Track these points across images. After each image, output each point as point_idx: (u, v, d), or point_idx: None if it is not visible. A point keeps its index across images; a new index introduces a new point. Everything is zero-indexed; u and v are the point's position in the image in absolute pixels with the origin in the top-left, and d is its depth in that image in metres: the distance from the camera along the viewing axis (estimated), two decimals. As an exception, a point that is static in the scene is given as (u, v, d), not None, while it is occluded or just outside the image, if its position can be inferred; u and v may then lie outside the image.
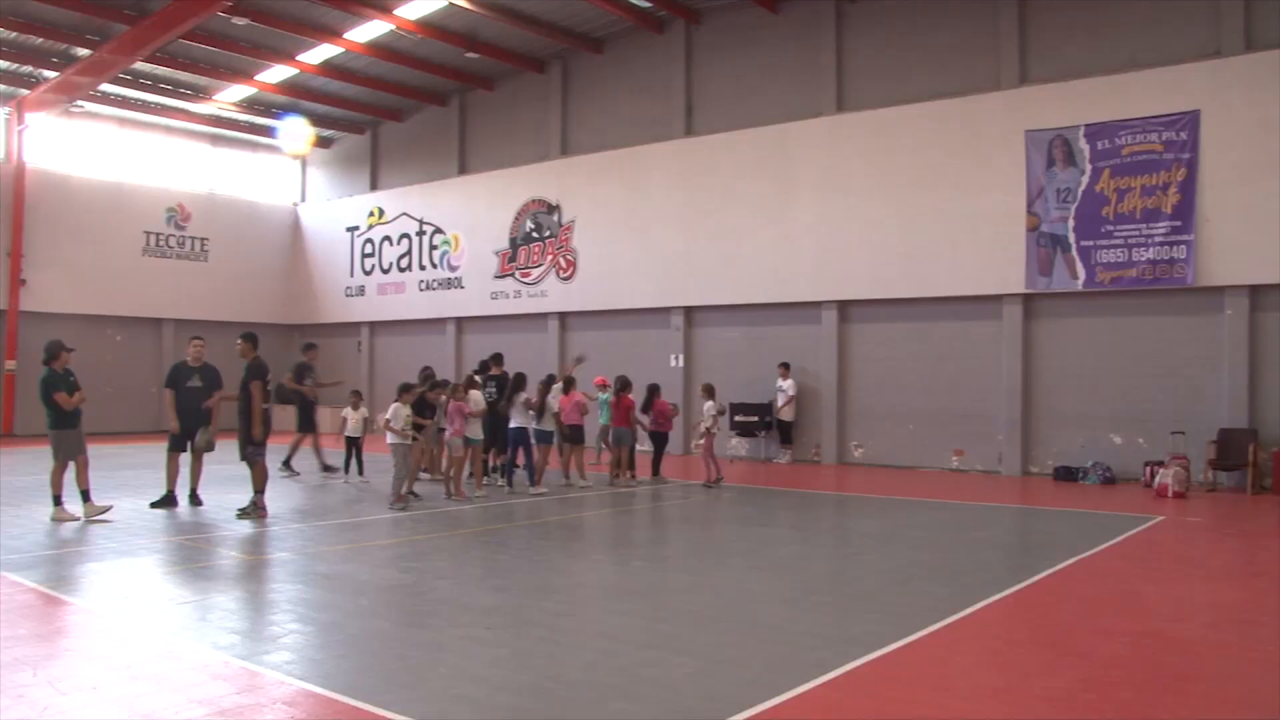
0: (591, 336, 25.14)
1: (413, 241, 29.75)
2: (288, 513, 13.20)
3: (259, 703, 5.67)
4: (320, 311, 32.78)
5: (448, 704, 5.67)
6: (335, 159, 33.06)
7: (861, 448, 20.86)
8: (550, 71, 26.29)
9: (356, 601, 8.32)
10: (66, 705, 5.59)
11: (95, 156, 29.58)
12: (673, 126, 23.76)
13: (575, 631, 7.44)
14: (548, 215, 26.08)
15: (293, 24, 23.11)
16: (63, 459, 12.48)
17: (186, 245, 31.09)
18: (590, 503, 14.87)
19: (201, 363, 13.58)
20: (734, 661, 6.58)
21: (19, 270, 27.48)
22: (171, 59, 25.30)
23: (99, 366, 27.32)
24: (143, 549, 10.72)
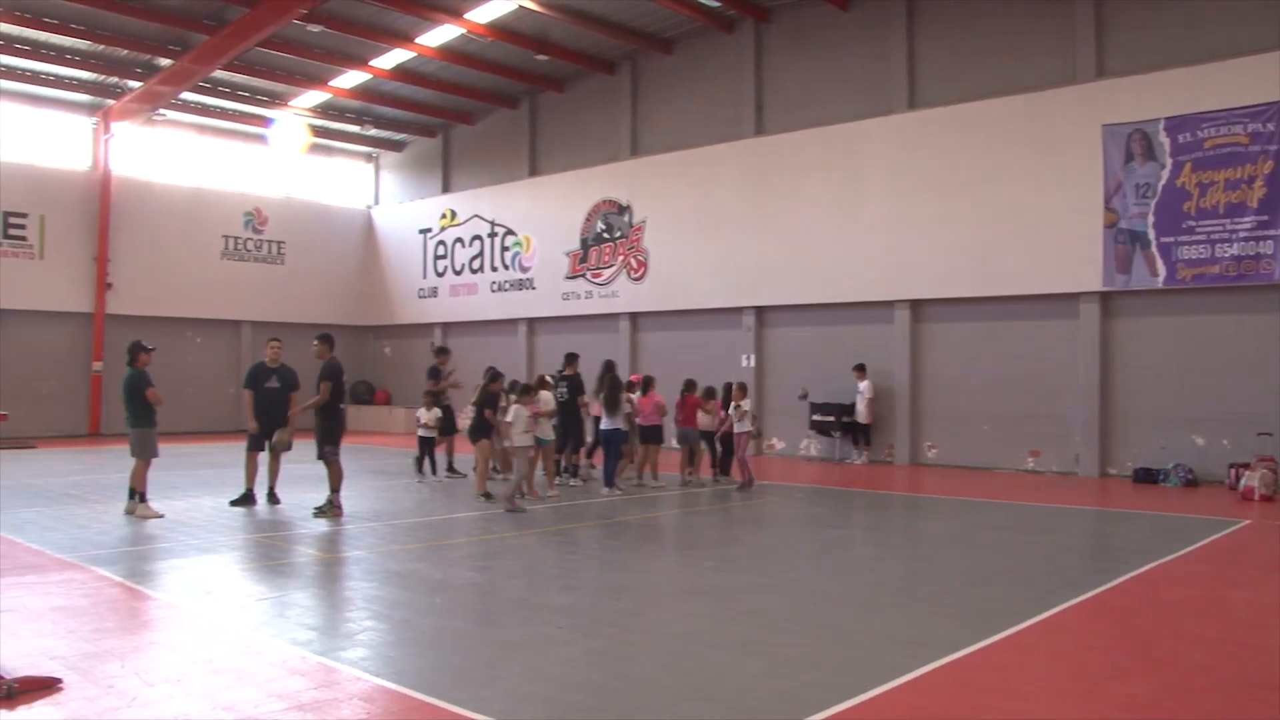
0: (662, 337, 25.16)
1: (484, 243, 30.00)
2: (363, 512, 13.37)
3: (336, 698, 5.76)
4: (394, 313, 33.19)
5: (520, 702, 5.70)
6: (407, 162, 33.47)
7: (935, 448, 20.62)
8: (620, 72, 26.35)
9: (430, 600, 8.41)
10: (153, 696, 5.72)
11: (176, 163, 30.28)
12: (743, 126, 23.69)
13: (646, 631, 7.45)
14: (618, 216, 26.14)
15: (365, 29, 23.45)
16: (144, 457, 12.82)
17: (264, 249, 31.69)
18: (661, 503, 14.87)
19: (279, 363, 13.79)
20: (805, 663, 6.54)
21: (105, 274, 28.26)
22: (249, 67, 25.79)
23: (180, 368, 27.96)
24: (223, 546, 10.94)
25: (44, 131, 27.88)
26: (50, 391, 27.01)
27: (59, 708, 5.55)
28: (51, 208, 27.58)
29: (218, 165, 31.10)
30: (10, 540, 10.83)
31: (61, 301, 27.66)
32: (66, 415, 27.60)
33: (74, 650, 6.65)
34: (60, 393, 27.49)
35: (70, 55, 25.24)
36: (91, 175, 28.33)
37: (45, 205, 27.46)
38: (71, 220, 27.95)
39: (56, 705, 5.58)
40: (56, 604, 8.01)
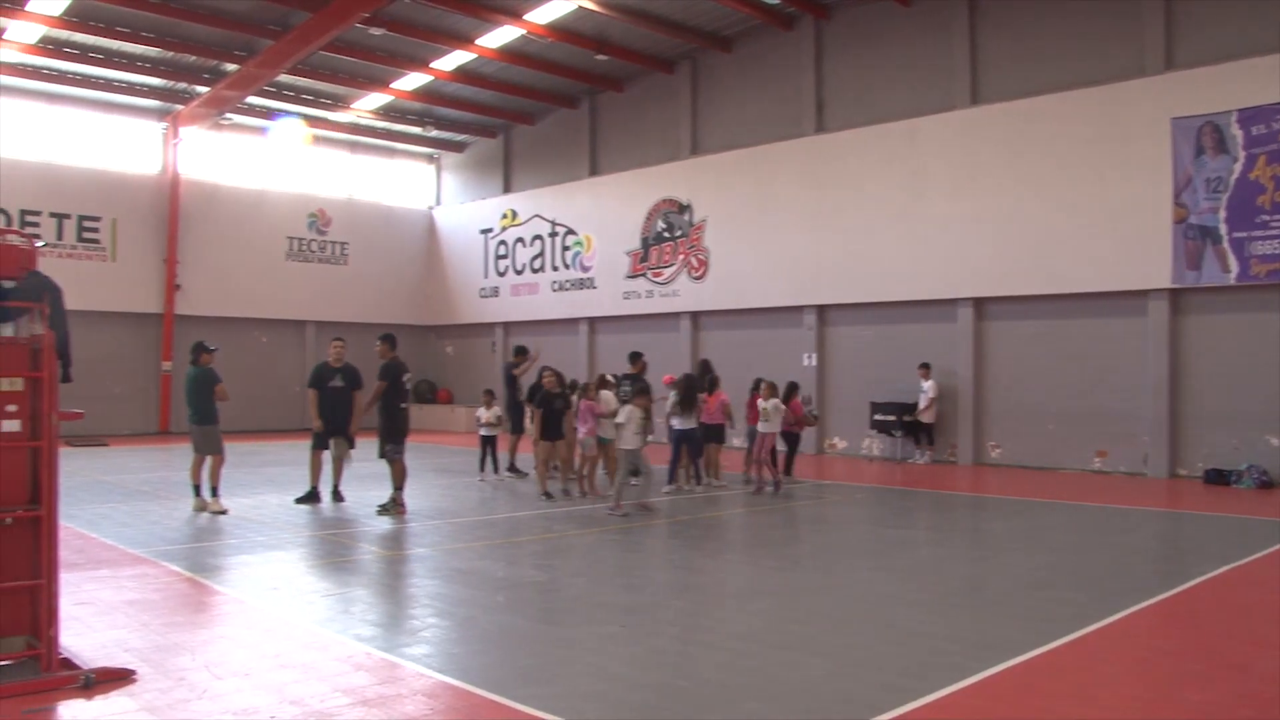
0: (724, 336, 25.09)
1: (545, 243, 30.13)
2: (426, 510, 13.49)
3: (400, 694, 5.81)
4: (455, 312, 33.45)
5: (582, 701, 5.71)
6: (468, 163, 33.71)
7: (999, 448, 20.35)
8: (679, 71, 26.32)
9: (493, 597, 8.46)
10: (222, 689, 5.82)
11: (242, 166, 30.76)
12: (803, 124, 23.56)
13: (709, 631, 7.43)
14: (679, 215, 26.12)
15: (426, 32, 23.65)
16: (204, 453, 13.07)
17: (327, 249, 32.09)
18: (724, 502, 14.83)
19: (342, 363, 13.96)
20: (869, 664, 6.49)
21: (174, 276, 28.79)
22: (312, 70, 26.12)
23: (245, 367, 28.37)
24: (288, 542, 11.10)
25: (116, 137, 28.48)
26: (121, 391, 27.56)
27: (133, 698, 5.67)
28: (123, 211, 28.18)
29: (282, 168, 31.55)
30: (85, 535, 11.08)
31: (132, 303, 28.24)
32: (137, 414, 28.17)
33: (146, 643, 6.80)
34: (131, 392, 28.06)
35: (141, 63, 25.74)
36: (161, 179, 28.89)
37: (117, 209, 28.08)
38: (142, 223, 28.53)
39: (131, 696, 5.71)
40: (130, 597, 8.19)
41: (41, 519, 5.96)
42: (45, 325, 6.02)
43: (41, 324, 6.02)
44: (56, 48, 24.44)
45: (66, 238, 27.13)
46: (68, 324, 6.16)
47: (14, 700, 5.59)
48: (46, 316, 6.03)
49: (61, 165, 27.38)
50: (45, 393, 5.98)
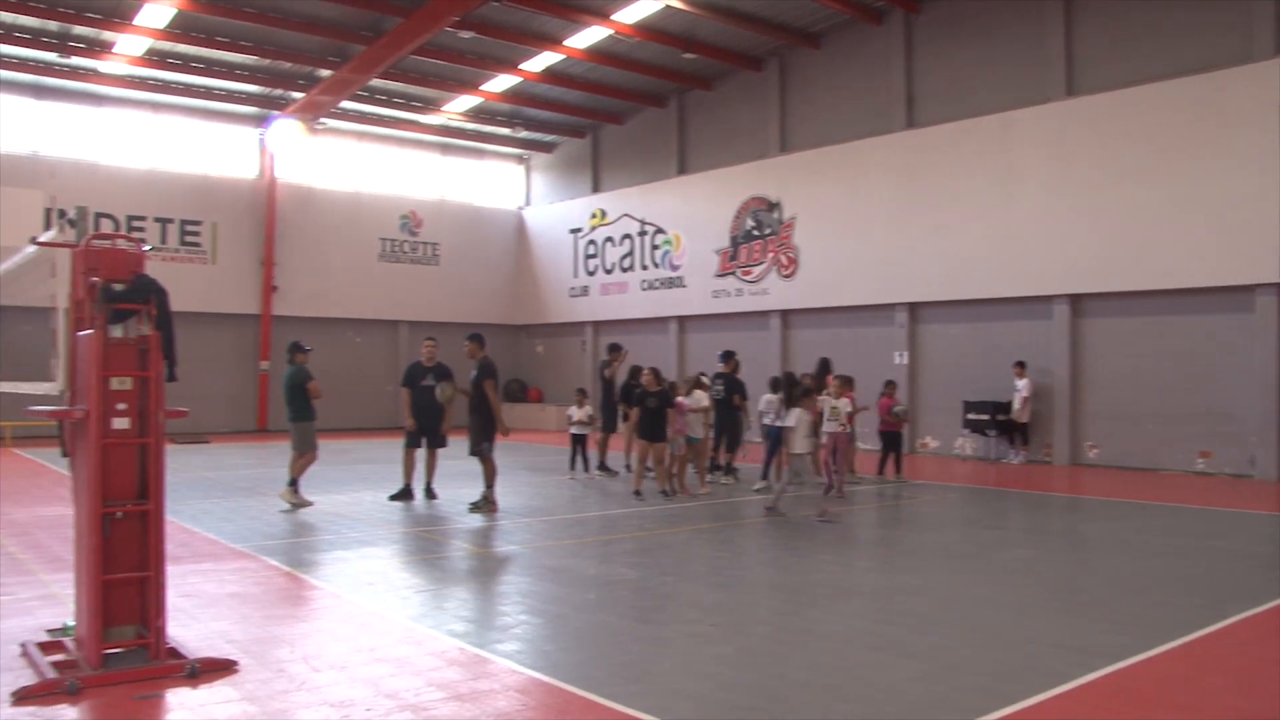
0: (813, 334, 24.92)
1: (634, 242, 30.21)
2: (517, 507, 13.60)
3: (492, 689, 5.87)
4: (545, 312, 33.70)
5: (673, 699, 5.71)
6: (557, 163, 33.94)
7: (1096, 448, 19.88)
8: (768, 69, 26.20)
9: (584, 595, 8.51)
10: (319, 682, 5.95)
11: (336, 169, 31.38)
12: (893, 119, 23.28)
13: (800, 631, 7.39)
14: (768, 213, 26.00)
15: (515, 34, 23.87)
16: (299, 451, 13.35)
17: (419, 250, 32.58)
18: (816, 501, 14.71)
19: (435, 362, 14.14)
20: (963, 667, 6.38)
21: (271, 278, 29.50)
22: (404, 74, 26.54)
23: (339, 367, 28.91)
24: (382, 539, 11.28)
25: (215, 143, 29.27)
26: (222, 389, 28.27)
27: (236, 688, 5.82)
28: (222, 215, 28.97)
29: (375, 170, 32.11)
30: (189, 529, 11.40)
31: (231, 304, 28.99)
32: (236, 412, 28.90)
33: (247, 635, 6.97)
34: (231, 391, 28.79)
35: (239, 70, 26.40)
36: (258, 183, 29.62)
37: (217, 213, 28.87)
38: (240, 226, 29.29)
39: (234, 686, 5.86)
40: (231, 590, 8.41)
41: (149, 513, 6.15)
42: (152, 326, 6.20)
43: (149, 325, 6.20)
44: (161, 59, 25.23)
45: (170, 241, 27.96)
46: (173, 325, 6.33)
47: (125, 687, 5.79)
48: (153, 318, 6.21)
49: (165, 171, 28.23)
50: (153, 391, 6.16)
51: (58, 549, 10.02)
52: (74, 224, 6.73)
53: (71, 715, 5.44)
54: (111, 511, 6.04)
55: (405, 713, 5.44)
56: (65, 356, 6.66)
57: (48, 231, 7.48)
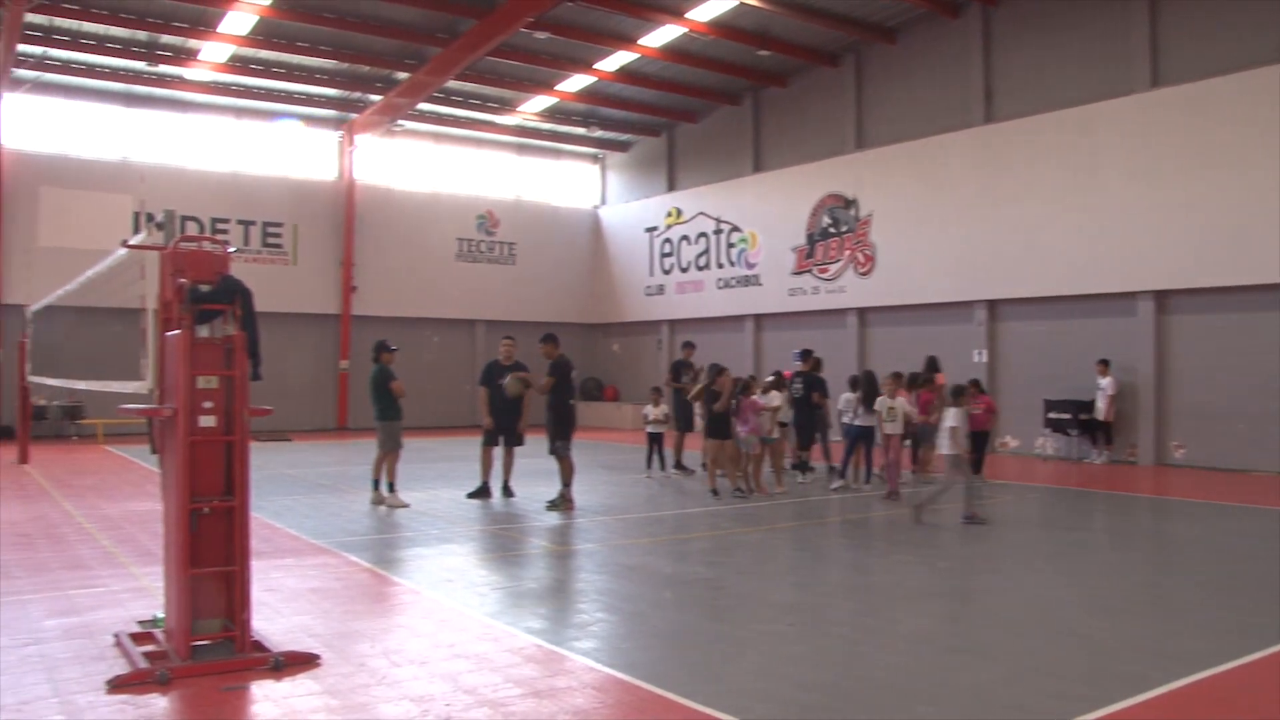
0: (891, 332, 24.67)
1: (710, 240, 30.15)
2: (593, 506, 13.64)
3: (570, 686, 5.90)
4: (621, 311, 33.78)
5: (751, 699, 5.69)
6: (633, 162, 34.00)
7: (1183, 448, 19.39)
8: (843, 65, 25.98)
9: (660, 594, 8.52)
10: (399, 676, 6.02)
11: (413, 170, 31.77)
12: (971, 114, 22.93)
13: (878, 632, 7.31)
14: (844, 210, 25.79)
15: (590, 34, 23.97)
16: (384, 450, 13.52)
17: (496, 250, 32.85)
18: (894, 500, 14.56)
19: (512, 361, 14.20)
20: (1044, 671, 6.27)
21: (350, 278, 29.96)
22: (479, 75, 26.79)
23: (418, 366, 29.26)
24: (460, 536, 11.40)
25: (296, 146, 29.82)
26: (303, 388, 28.76)
27: (318, 681, 5.92)
28: (303, 217, 29.50)
29: (452, 171, 32.45)
30: (272, 525, 11.61)
31: (312, 304, 29.51)
32: (317, 410, 29.39)
33: (329, 629, 7.09)
34: (311, 389, 29.29)
35: (319, 75, 26.87)
36: (337, 185, 30.12)
37: (298, 215, 29.41)
38: (320, 228, 29.80)
39: (316, 679, 5.96)
40: (312, 585, 8.55)
41: (235, 509, 6.28)
42: (237, 326, 6.33)
43: (234, 325, 6.34)
44: (243, 65, 25.78)
45: (252, 243, 28.55)
46: (258, 325, 6.46)
47: (212, 678, 5.92)
48: (238, 318, 6.34)
49: (247, 175, 28.84)
50: (238, 390, 6.29)
51: (147, 543, 10.27)
52: (161, 227, 6.89)
53: (162, 704, 5.57)
54: (199, 507, 6.18)
55: (484, 708, 5.48)
56: (154, 356, 6.83)
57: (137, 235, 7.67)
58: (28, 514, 12.70)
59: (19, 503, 13.79)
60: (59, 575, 8.96)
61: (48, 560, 9.67)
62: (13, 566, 9.33)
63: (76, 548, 10.36)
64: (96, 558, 9.81)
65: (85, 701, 5.56)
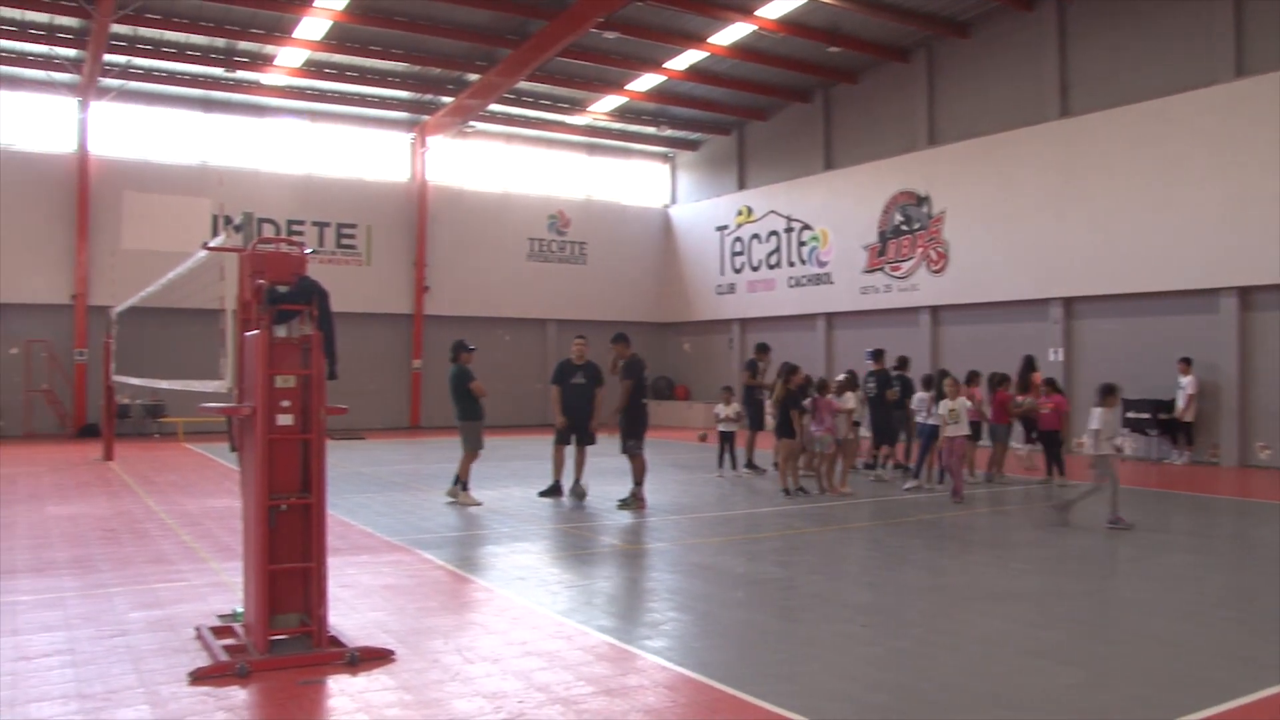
0: (964, 331, 24.36)
1: (781, 238, 30.01)
2: (665, 505, 13.63)
3: (642, 685, 5.90)
4: (692, 310, 33.75)
5: (824, 700, 5.65)
6: (703, 161, 33.94)
7: (1268, 449, 18.88)
8: (915, 60, 25.70)
9: (732, 593, 8.48)
10: (473, 673, 6.07)
11: (484, 171, 32.05)
12: (1046, 108, 22.53)
13: (953, 634, 7.22)
14: (916, 207, 25.51)
15: (659, 33, 23.98)
16: (469, 448, 13.63)
17: (566, 249, 33.01)
18: (970, 501, 14.37)
19: (584, 360, 14.26)
20: (1125, 676, 6.14)
21: (423, 278, 30.30)
22: (550, 76, 26.93)
23: (490, 365, 29.40)
24: (533, 534, 11.46)
25: (369, 149, 30.26)
26: (377, 387, 29.13)
27: (392, 677, 5.99)
28: (376, 218, 29.91)
29: (523, 171, 32.67)
30: (346, 523, 11.78)
31: (385, 304, 29.89)
32: (390, 409, 29.76)
33: (403, 626, 7.16)
34: (385, 388, 29.66)
35: (391, 78, 27.22)
36: (410, 186, 30.47)
37: (371, 216, 29.83)
38: (393, 229, 30.18)
39: (390, 674, 6.03)
40: (387, 582, 8.66)
41: (311, 506, 6.38)
42: (314, 326, 6.43)
43: (311, 325, 6.43)
44: (318, 69, 26.21)
45: (327, 244, 28.99)
46: (334, 325, 6.55)
47: (290, 671, 6.03)
48: (315, 318, 6.44)
49: (321, 177, 29.33)
50: (315, 389, 6.39)
51: (226, 539, 10.48)
52: (239, 229, 7.02)
53: (241, 696, 5.68)
54: (276, 504, 6.29)
55: (556, 706, 5.51)
56: (233, 356, 6.96)
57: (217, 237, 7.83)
58: (113, 509, 13.03)
59: (105, 498, 14.15)
60: (143, 569, 9.18)
61: (132, 554, 9.91)
62: (100, 560, 9.59)
63: (159, 542, 10.60)
64: (178, 552, 10.03)
65: (169, 692, 5.69)
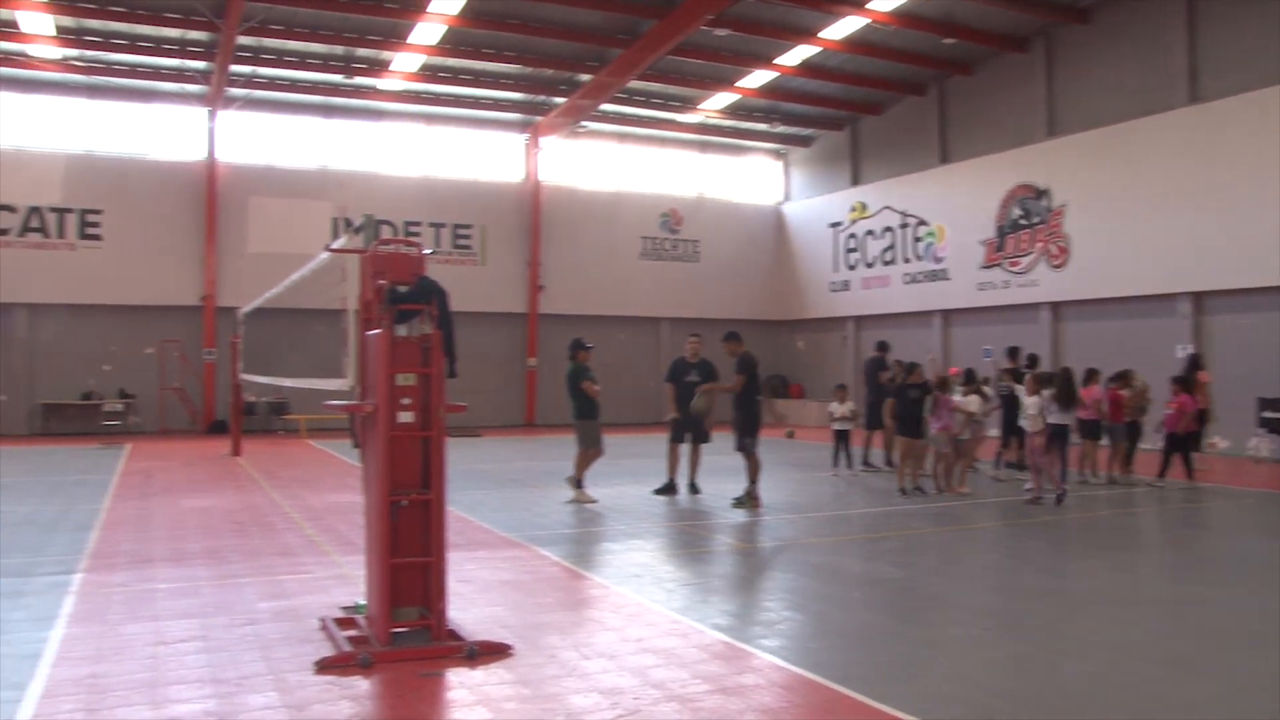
0: (1086, 327, 23.69)
1: (896, 234, 29.59)
2: (780, 503, 13.53)
3: (758, 684, 5.87)
4: (805, 307, 33.49)
5: (943, 704, 5.55)
6: (815, 157, 33.64)
7: None
8: (1033, 49, 25.07)
9: (848, 593, 8.40)
10: (589, 669, 6.11)
11: (597, 170, 32.27)
12: (1173, 94, 21.76)
13: (1076, 639, 7.01)
14: (1036, 201, 24.90)
15: (770, 29, 23.85)
16: (584, 446, 13.72)
17: (679, 248, 33.04)
18: (1094, 502, 13.98)
19: (699, 358, 14.24)
20: (1263, 691, 5.88)
21: (537, 277, 30.64)
22: (661, 74, 26.98)
23: (604, 364, 29.52)
24: (648, 532, 11.49)
25: (483, 150, 30.72)
26: (492, 385, 29.51)
27: (511, 671, 6.06)
28: (491, 218, 30.36)
29: (635, 170, 32.80)
30: (464, 519, 11.95)
31: (500, 303, 30.29)
32: (506, 407, 30.15)
33: (520, 621, 7.24)
34: (500, 387, 30.06)
35: (504, 80, 27.58)
36: (523, 187, 30.84)
37: (486, 217, 30.28)
38: (508, 229, 30.59)
39: (508, 669, 6.10)
40: (504, 578, 8.77)
41: (431, 502, 6.49)
42: (434, 325, 6.54)
43: (431, 324, 6.55)
44: (433, 73, 26.69)
45: (443, 245, 29.50)
46: (453, 324, 6.65)
47: (411, 663, 6.14)
48: (435, 317, 6.55)
49: (437, 179, 29.89)
50: (434, 387, 6.50)
51: (347, 533, 10.73)
52: (359, 231, 7.18)
53: (364, 686, 5.82)
54: (398, 500, 6.41)
55: (672, 703, 5.51)
56: (355, 354, 7.12)
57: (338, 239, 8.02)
58: (241, 503, 13.47)
59: (233, 492, 14.64)
60: (270, 561, 9.47)
61: (260, 546, 10.23)
62: (230, 551, 9.92)
63: (284, 535, 10.91)
64: (302, 545, 10.31)
65: (295, 680, 5.86)
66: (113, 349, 26.87)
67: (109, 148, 27.01)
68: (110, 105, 26.95)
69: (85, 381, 26.55)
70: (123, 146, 27.14)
